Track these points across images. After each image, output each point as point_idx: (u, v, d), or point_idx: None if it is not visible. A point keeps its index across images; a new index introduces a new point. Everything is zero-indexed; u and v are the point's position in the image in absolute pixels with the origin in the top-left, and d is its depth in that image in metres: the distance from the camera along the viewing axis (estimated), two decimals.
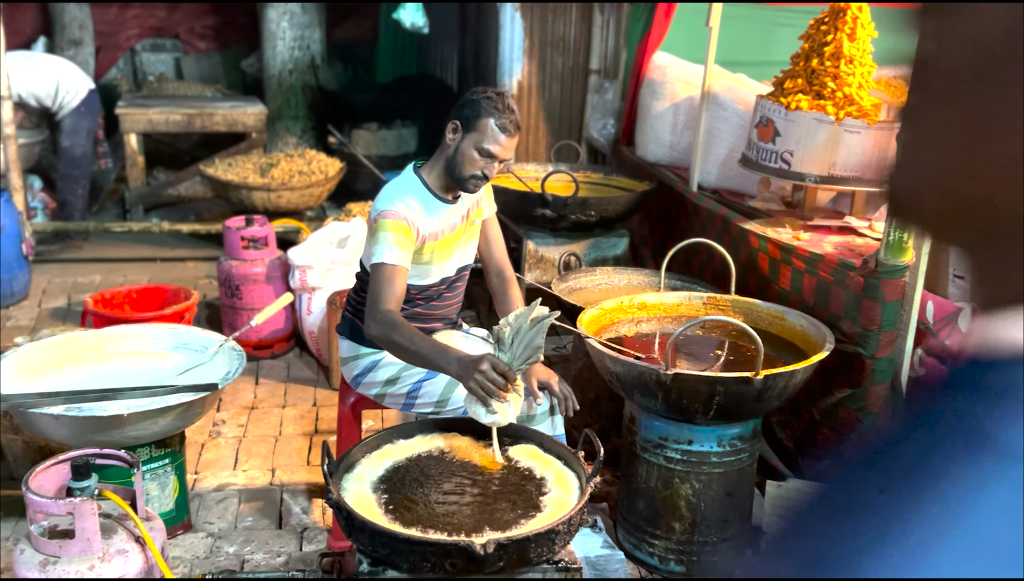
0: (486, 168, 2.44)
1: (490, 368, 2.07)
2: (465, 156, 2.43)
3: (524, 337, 2.12)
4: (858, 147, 3.33)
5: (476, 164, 2.43)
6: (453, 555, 1.76)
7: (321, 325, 4.21)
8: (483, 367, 2.07)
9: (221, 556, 2.83)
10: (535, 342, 2.11)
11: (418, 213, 2.46)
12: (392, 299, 2.34)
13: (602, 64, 5.54)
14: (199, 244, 6.25)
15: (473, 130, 2.42)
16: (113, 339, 3.09)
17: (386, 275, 2.36)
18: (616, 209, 3.98)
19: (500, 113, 2.40)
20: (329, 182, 6.01)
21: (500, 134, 2.40)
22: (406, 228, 2.41)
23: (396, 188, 2.50)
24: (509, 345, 2.13)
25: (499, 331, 2.16)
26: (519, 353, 2.13)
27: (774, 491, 2.77)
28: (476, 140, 2.41)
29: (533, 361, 2.14)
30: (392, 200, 2.45)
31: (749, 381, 2.39)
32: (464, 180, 2.46)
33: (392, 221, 2.40)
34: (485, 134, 2.40)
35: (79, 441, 2.54)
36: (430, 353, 2.22)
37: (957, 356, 0.46)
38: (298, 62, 7.28)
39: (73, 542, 1.98)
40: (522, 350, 2.13)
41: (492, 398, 2.09)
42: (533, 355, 2.12)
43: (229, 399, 3.97)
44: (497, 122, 2.40)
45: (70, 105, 5.67)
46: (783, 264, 3.11)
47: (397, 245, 2.38)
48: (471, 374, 2.09)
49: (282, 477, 3.33)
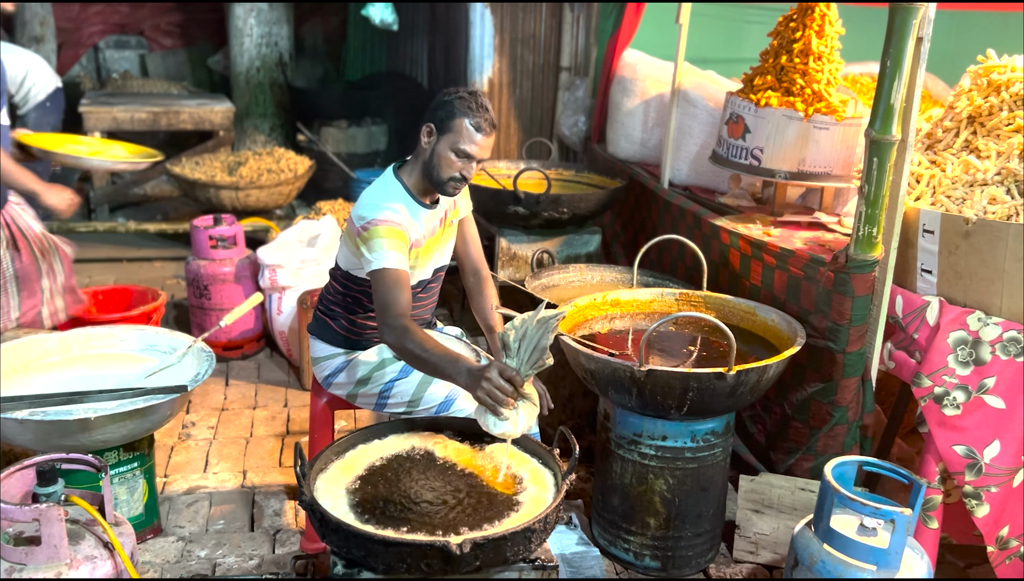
0: (464, 169, 2.40)
1: (497, 375, 2.01)
2: (442, 159, 2.39)
3: (531, 340, 2.05)
4: (827, 143, 3.36)
5: (454, 166, 2.39)
6: (429, 555, 1.75)
7: (292, 325, 4.17)
8: (490, 374, 2.01)
9: (192, 560, 2.79)
10: (542, 343, 2.04)
11: (407, 220, 2.42)
12: (401, 303, 2.29)
13: (573, 61, 5.54)
14: (166, 244, 6.16)
15: (448, 132, 2.38)
16: (78, 341, 3.03)
17: (391, 279, 2.31)
18: (588, 206, 3.99)
19: (474, 112, 2.36)
20: (298, 180, 5.95)
21: (476, 133, 2.37)
22: (401, 233, 2.37)
23: (381, 195, 2.44)
24: (516, 350, 2.06)
25: (504, 336, 2.07)
26: (526, 357, 2.06)
27: (747, 485, 2.79)
28: (452, 141, 2.37)
29: (541, 364, 2.06)
30: (381, 207, 2.39)
31: (722, 376, 2.41)
32: (443, 183, 2.42)
33: (386, 227, 2.35)
34: (460, 135, 2.37)
35: (45, 446, 2.48)
36: (440, 362, 2.15)
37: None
38: (266, 59, 7.20)
39: (40, 549, 1.94)
40: (529, 354, 2.05)
41: (501, 406, 2.02)
42: (541, 357, 2.05)
43: (199, 401, 3.92)
44: (472, 121, 2.36)
45: (36, 99, 5.58)
46: (754, 260, 3.13)
47: (396, 249, 2.33)
48: (478, 383, 2.03)
49: (254, 479, 3.29)
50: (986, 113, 2.79)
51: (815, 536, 2.25)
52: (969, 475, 2.50)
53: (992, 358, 2.47)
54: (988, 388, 2.48)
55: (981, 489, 2.49)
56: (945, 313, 2.55)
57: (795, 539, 2.31)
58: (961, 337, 2.51)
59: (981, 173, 2.67)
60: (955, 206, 2.64)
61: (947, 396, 2.52)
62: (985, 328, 2.48)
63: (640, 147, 4.60)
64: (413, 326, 2.25)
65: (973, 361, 2.50)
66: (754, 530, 2.78)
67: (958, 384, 2.51)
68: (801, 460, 2.95)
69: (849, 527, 2.21)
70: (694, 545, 2.74)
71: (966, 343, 2.50)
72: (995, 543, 2.53)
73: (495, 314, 2.70)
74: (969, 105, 2.85)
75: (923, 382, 2.55)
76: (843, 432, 2.82)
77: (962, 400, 2.51)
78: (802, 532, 2.31)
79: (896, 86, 2.45)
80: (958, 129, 2.85)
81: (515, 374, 2.02)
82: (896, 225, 2.60)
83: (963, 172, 2.72)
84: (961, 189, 2.68)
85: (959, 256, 2.53)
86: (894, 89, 2.46)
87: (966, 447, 2.50)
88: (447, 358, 2.14)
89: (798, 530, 2.33)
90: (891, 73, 2.45)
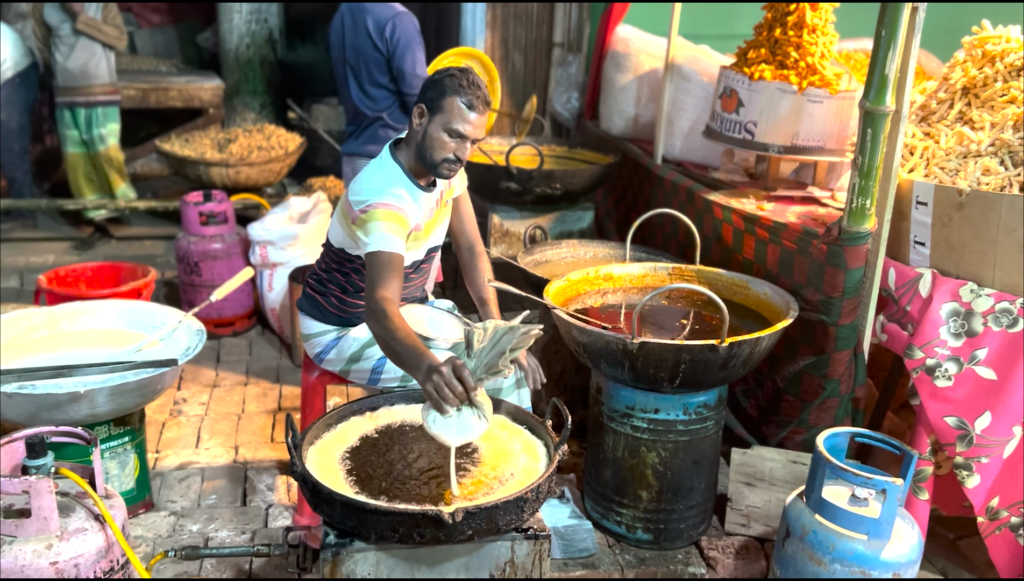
0: (458, 150, 2.33)
1: (449, 371, 1.88)
2: (434, 140, 2.33)
3: (498, 345, 1.92)
4: (821, 117, 3.35)
5: (447, 147, 2.33)
6: (421, 524, 1.75)
7: (283, 302, 4.15)
8: (443, 369, 1.88)
9: (184, 534, 2.78)
10: (507, 352, 1.90)
11: (408, 205, 2.36)
12: (388, 287, 2.21)
13: (566, 37, 5.50)
14: (156, 221, 6.12)
15: (439, 111, 2.31)
16: (67, 316, 3.01)
17: (383, 262, 2.24)
18: (581, 182, 3.97)
19: (465, 90, 2.29)
20: (289, 158, 5.91)
21: (468, 112, 2.30)
22: (401, 218, 2.31)
23: (381, 178, 2.38)
24: (477, 351, 1.93)
25: (469, 334, 1.95)
26: (485, 360, 1.93)
27: (739, 459, 2.79)
28: (443, 121, 2.31)
29: (497, 371, 1.92)
30: (382, 192, 2.33)
31: (715, 349, 2.40)
32: (436, 165, 2.36)
33: (385, 210, 2.29)
34: (452, 114, 2.30)
35: (34, 420, 2.47)
36: (405, 353, 2.04)
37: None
38: (255, 36, 7.13)
39: (29, 521, 1.92)
40: (488, 357, 1.92)
41: (445, 403, 1.89)
42: (498, 363, 1.91)
43: (190, 377, 3.91)
44: (463, 100, 2.29)
45: (5, 75, 5.50)
46: (747, 234, 3.12)
47: (393, 233, 2.27)
48: (430, 376, 1.91)
49: (246, 455, 3.28)
50: (981, 84, 2.78)
51: (807, 506, 2.26)
52: (960, 446, 2.50)
53: (984, 329, 2.47)
54: (980, 359, 2.48)
55: (972, 460, 2.50)
56: (938, 285, 2.54)
57: (787, 509, 2.32)
58: (953, 309, 2.51)
59: (975, 144, 2.66)
60: (948, 178, 2.63)
61: (939, 368, 2.52)
62: (977, 299, 2.48)
63: (633, 123, 4.57)
64: (395, 312, 2.16)
65: (965, 332, 2.50)
66: (746, 503, 2.79)
67: (950, 356, 2.51)
68: (793, 433, 2.96)
69: (840, 498, 2.21)
70: (686, 518, 2.75)
71: (958, 315, 2.50)
72: (985, 513, 2.54)
73: (488, 287, 2.69)
74: (964, 76, 2.83)
75: (915, 354, 2.55)
76: (835, 405, 2.82)
77: (954, 371, 2.51)
78: (794, 503, 2.32)
79: (891, 56, 2.43)
80: (952, 100, 2.84)
81: (468, 376, 1.89)
82: (889, 197, 2.59)
83: (957, 143, 2.71)
84: (955, 160, 2.67)
85: (952, 228, 2.53)
86: (888, 59, 2.44)
87: (957, 418, 2.50)
88: (413, 351, 2.03)
89: (790, 501, 2.34)
90: (886, 42, 2.43)
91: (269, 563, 2.63)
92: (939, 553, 2.86)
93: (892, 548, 2.14)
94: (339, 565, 1.84)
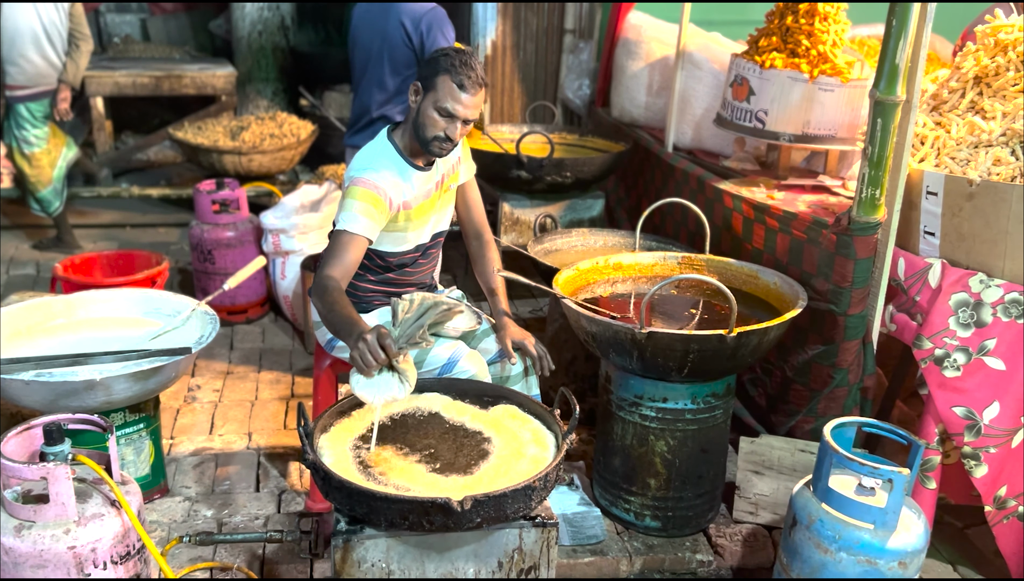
0: (448, 129, 2.36)
1: (373, 338, 2.00)
2: (426, 117, 2.37)
3: (422, 318, 2.10)
4: (832, 105, 3.33)
5: (437, 125, 2.36)
6: (431, 512, 1.77)
7: (296, 289, 4.18)
8: (367, 336, 2.01)
9: (199, 519, 2.83)
10: (426, 326, 2.10)
11: (391, 182, 2.41)
12: (339, 266, 2.30)
13: (577, 24, 5.48)
14: (170, 209, 6.16)
15: (432, 89, 2.35)
16: (83, 304, 3.05)
17: (343, 242, 2.32)
18: (591, 170, 3.97)
19: (457, 70, 2.32)
20: (301, 145, 5.93)
21: (458, 92, 2.33)
22: (376, 198, 2.36)
23: (370, 155, 2.45)
24: (400, 321, 2.11)
25: (395, 304, 2.13)
26: (407, 330, 2.10)
27: (748, 447, 2.81)
28: (435, 100, 2.34)
29: (416, 342, 2.10)
30: (365, 168, 2.40)
31: (723, 338, 2.41)
32: (427, 142, 2.40)
33: (362, 189, 2.35)
34: (443, 93, 2.33)
35: (51, 407, 2.51)
36: (340, 322, 2.15)
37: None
38: (268, 23, 7.13)
39: (48, 506, 1.97)
40: (410, 328, 2.10)
41: (367, 367, 2.02)
42: (420, 338, 2.10)
43: (204, 365, 3.95)
44: (454, 79, 2.32)
45: None
46: (757, 223, 3.12)
47: (363, 214, 2.33)
48: (357, 343, 2.03)
49: (259, 441, 3.32)
50: (992, 73, 2.76)
51: (813, 495, 2.27)
52: (968, 436, 2.51)
53: (993, 320, 2.47)
54: (989, 350, 2.48)
55: (980, 450, 2.50)
56: (947, 275, 2.54)
57: (794, 498, 2.34)
58: (963, 299, 2.51)
59: (986, 134, 2.65)
60: (959, 168, 2.62)
61: (948, 358, 2.52)
62: (987, 290, 2.47)
63: (644, 110, 4.56)
64: (336, 288, 2.25)
65: (974, 323, 2.50)
66: (754, 491, 2.81)
67: (959, 346, 2.51)
68: (801, 422, 2.97)
69: (847, 487, 2.23)
70: (694, 506, 2.77)
71: (967, 305, 2.50)
72: (993, 503, 2.55)
73: (497, 277, 2.70)
74: (976, 65, 2.81)
75: (924, 344, 2.56)
76: (844, 395, 2.83)
77: (962, 362, 2.51)
78: (801, 491, 2.33)
79: (901, 45, 2.42)
80: (964, 90, 2.82)
81: (391, 343, 2.01)
82: (899, 187, 2.59)
83: (968, 133, 2.70)
84: (965, 150, 2.66)
85: (962, 218, 2.52)
86: (899, 48, 2.43)
87: (966, 408, 2.51)
88: (348, 320, 2.13)
89: (797, 489, 2.35)
90: (896, 32, 2.42)
91: (282, 548, 2.67)
92: (948, 542, 2.87)
93: (898, 537, 2.15)
94: (350, 551, 1.88)
